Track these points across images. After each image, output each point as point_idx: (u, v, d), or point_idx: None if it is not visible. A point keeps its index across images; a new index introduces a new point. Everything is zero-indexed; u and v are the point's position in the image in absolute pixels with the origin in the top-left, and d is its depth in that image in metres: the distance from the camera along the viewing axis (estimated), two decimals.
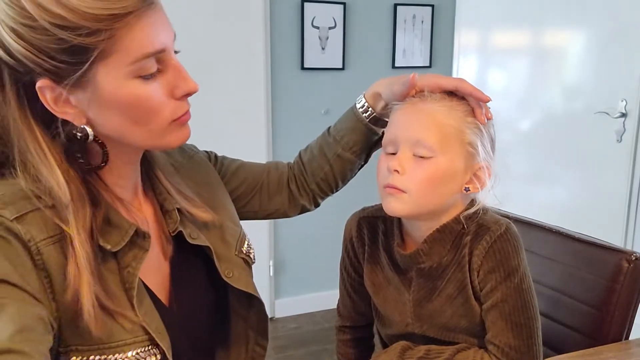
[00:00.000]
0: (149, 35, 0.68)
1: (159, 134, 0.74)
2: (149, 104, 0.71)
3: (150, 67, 0.70)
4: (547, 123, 2.70)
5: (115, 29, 0.65)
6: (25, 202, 0.67)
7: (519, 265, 0.89)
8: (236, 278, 0.89)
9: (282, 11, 2.71)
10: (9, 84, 0.68)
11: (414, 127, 0.87)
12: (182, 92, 0.74)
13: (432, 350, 0.95)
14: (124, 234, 0.75)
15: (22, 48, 0.64)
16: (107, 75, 0.67)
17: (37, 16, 0.63)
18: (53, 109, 0.69)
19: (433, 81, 0.90)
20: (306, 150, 1.11)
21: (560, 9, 2.57)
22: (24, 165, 0.69)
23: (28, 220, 0.66)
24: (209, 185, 0.97)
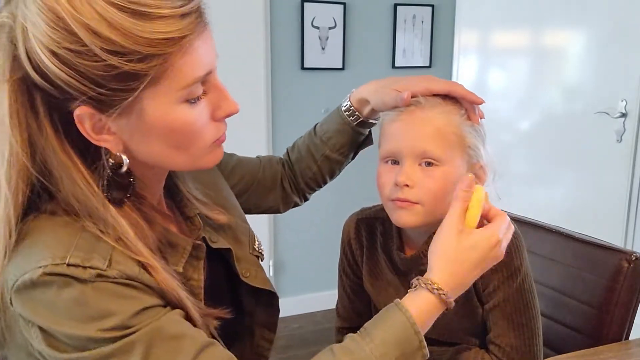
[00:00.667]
0: (200, 59, 0.65)
1: (198, 156, 0.72)
2: (193, 128, 0.68)
3: (197, 90, 0.66)
4: (547, 123, 2.70)
5: (168, 53, 0.61)
6: (101, 243, 0.64)
7: (521, 265, 0.89)
8: (253, 277, 0.88)
9: (282, 11, 2.70)
10: (43, 110, 0.62)
11: (418, 139, 0.86)
12: (224, 114, 0.72)
13: (433, 351, 0.95)
14: (182, 251, 0.75)
15: (63, 73, 0.59)
16: (154, 101, 0.63)
17: (87, 41, 0.58)
18: (91, 137, 0.64)
19: (424, 86, 0.88)
20: (293, 149, 1.11)
21: (560, 9, 2.57)
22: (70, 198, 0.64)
23: (115, 260, 0.63)
24: (215, 184, 0.96)
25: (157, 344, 0.62)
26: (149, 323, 0.63)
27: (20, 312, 0.63)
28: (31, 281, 0.61)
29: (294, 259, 2.94)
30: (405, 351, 0.70)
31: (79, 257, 0.61)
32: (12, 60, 0.61)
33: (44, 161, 0.64)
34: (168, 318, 0.65)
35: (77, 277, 0.61)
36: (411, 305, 0.73)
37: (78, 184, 0.64)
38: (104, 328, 0.61)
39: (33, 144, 0.63)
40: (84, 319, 0.61)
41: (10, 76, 0.61)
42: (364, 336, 0.71)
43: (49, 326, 0.62)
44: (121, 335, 0.62)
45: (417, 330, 0.71)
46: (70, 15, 0.58)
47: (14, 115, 0.61)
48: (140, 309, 0.63)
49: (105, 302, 0.62)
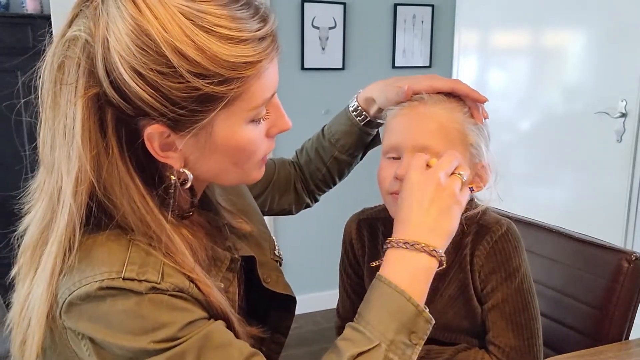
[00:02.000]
0: (270, 81, 0.66)
1: (247, 172, 0.73)
2: (254, 147, 0.69)
3: (263, 111, 0.68)
4: (547, 123, 2.70)
5: (246, 77, 0.62)
6: (151, 257, 0.64)
7: (520, 266, 0.89)
8: (274, 282, 0.88)
9: (282, 11, 2.70)
10: (111, 127, 0.62)
11: (419, 133, 0.86)
12: (278, 131, 0.73)
13: (432, 350, 0.95)
14: (220, 264, 0.76)
15: (145, 94, 0.59)
16: (225, 121, 0.65)
17: (175, 64, 0.58)
18: (157, 155, 0.65)
19: (428, 84, 0.89)
20: (302, 152, 1.11)
21: (560, 9, 2.57)
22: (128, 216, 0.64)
23: (167, 274, 0.64)
24: (237, 190, 0.96)
25: (206, 353, 0.63)
26: (198, 332, 0.64)
27: (71, 325, 0.64)
28: (87, 294, 0.62)
29: (294, 259, 2.93)
30: (404, 321, 0.68)
31: (134, 270, 0.62)
32: (89, 75, 0.61)
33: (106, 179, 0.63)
34: (215, 327, 0.66)
35: (133, 290, 0.62)
36: (390, 273, 0.72)
37: (137, 204, 0.64)
38: (156, 340, 0.62)
39: (99, 162, 0.63)
40: (138, 331, 0.62)
41: (84, 92, 0.61)
42: (359, 321, 0.70)
43: (102, 339, 0.62)
44: (173, 345, 0.62)
45: (408, 296, 0.69)
46: (162, 37, 0.58)
47: (86, 132, 0.61)
48: (192, 320, 0.64)
49: (159, 314, 0.63)
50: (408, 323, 0.69)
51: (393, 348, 0.67)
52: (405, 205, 0.76)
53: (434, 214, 0.74)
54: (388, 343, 0.67)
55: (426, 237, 0.72)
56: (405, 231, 0.74)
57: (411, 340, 0.68)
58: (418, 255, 0.72)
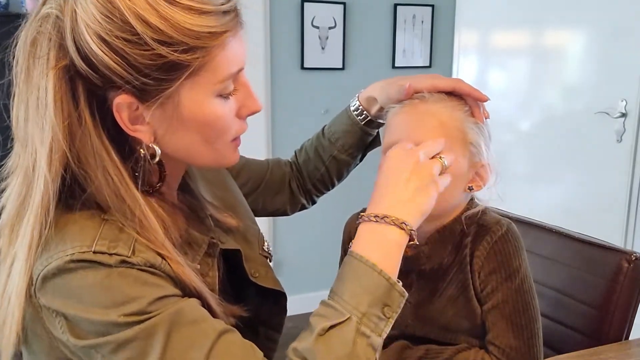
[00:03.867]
0: (235, 55, 0.68)
1: (220, 153, 0.74)
2: (223, 122, 0.70)
3: (230, 86, 0.69)
4: (547, 123, 2.70)
5: (210, 47, 0.64)
6: (124, 234, 0.65)
7: (520, 266, 0.89)
8: (262, 277, 0.88)
9: (282, 11, 2.70)
10: (83, 99, 0.64)
11: (419, 130, 0.87)
12: (248, 112, 0.74)
13: (432, 349, 0.95)
14: (198, 248, 0.76)
15: (111, 61, 0.61)
16: (191, 93, 0.66)
17: (139, 30, 0.60)
18: (127, 127, 0.66)
19: (430, 83, 0.89)
20: (301, 151, 1.11)
21: (560, 9, 2.56)
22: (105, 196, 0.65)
23: (138, 249, 0.65)
24: (225, 185, 0.96)
25: (178, 328, 0.64)
26: (169, 308, 0.64)
27: (45, 302, 0.64)
28: (57, 268, 0.63)
29: (294, 259, 2.93)
30: (377, 294, 0.68)
31: (104, 245, 0.63)
32: (59, 48, 0.63)
33: (79, 150, 0.64)
34: (188, 304, 0.66)
35: (102, 263, 0.62)
36: (361, 247, 0.71)
37: (110, 175, 0.65)
38: (126, 313, 0.62)
39: (72, 132, 0.64)
40: (108, 304, 0.62)
41: (55, 64, 0.63)
42: (332, 297, 0.69)
43: (74, 314, 0.63)
44: (143, 319, 0.63)
45: (379, 269, 0.68)
46: (125, 4, 0.60)
47: (58, 103, 0.63)
48: (162, 296, 0.64)
49: (129, 288, 0.63)
50: (381, 296, 0.68)
51: (365, 321, 0.66)
52: (381, 181, 0.75)
53: (410, 190, 0.73)
54: (360, 316, 0.66)
55: (397, 211, 0.71)
56: (378, 206, 0.73)
57: (384, 314, 0.68)
58: (387, 228, 0.71)
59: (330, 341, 0.65)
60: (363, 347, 0.65)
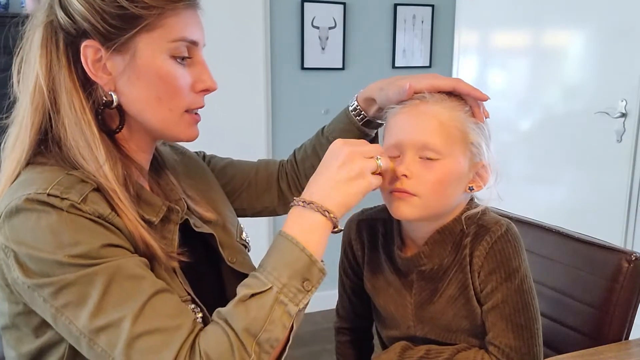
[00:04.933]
0: (188, 24, 0.79)
1: (174, 120, 0.81)
2: (175, 83, 0.79)
3: (183, 50, 0.79)
4: (547, 123, 2.70)
5: (165, 9, 0.76)
6: (81, 184, 0.72)
7: (519, 266, 0.89)
8: (240, 263, 0.92)
9: (282, 11, 2.70)
10: (63, 45, 0.77)
11: (419, 131, 0.86)
12: (203, 86, 0.82)
13: (432, 350, 0.95)
14: (158, 210, 0.82)
15: (83, 9, 0.74)
16: (147, 45, 0.77)
17: None
18: (90, 71, 0.77)
19: (429, 83, 0.89)
20: (300, 149, 1.12)
21: (560, 9, 2.57)
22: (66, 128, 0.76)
23: (91, 199, 0.71)
24: (205, 179, 1.00)
25: (117, 280, 0.69)
26: (113, 259, 0.70)
27: (2, 240, 0.71)
28: (16, 207, 0.70)
29: None
30: (297, 268, 0.73)
31: (59, 190, 0.70)
32: (49, 8, 0.78)
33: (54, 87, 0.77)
34: (132, 260, 0.72)
35: (54, 205, 0.69)
36: (289, 227, 0.77)
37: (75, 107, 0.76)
38: (71, 254, 0.68)
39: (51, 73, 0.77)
40: (56, 245, 0.68)
41: (43, 20, 0.78)
42: (258, 269, 0.75)
43: (25, 251, 0.69)
44: (86, 263, 0.68)
45: (302, 247, 0.74)
46: None
47: (43, 48, 0.77)
48: (107, 244, 0.70)
49: (76, 232, 0.69)
50: (302, 270, 0.74)
51: (285, 291, 0.72)
52: (317, 171, 0.80)
53: (338, 181, 0.78)
54: (280, 287, 0.72)
55: (322, 200, 0.77)
56: (308, 192, 0.79)
57: (304, 287, 0.74)
58: (312, 214, 0.76)
59: (249, 306, 0.71)
60: (279, 313, 0.71)
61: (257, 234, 2.81)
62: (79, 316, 0.68)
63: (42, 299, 0.70)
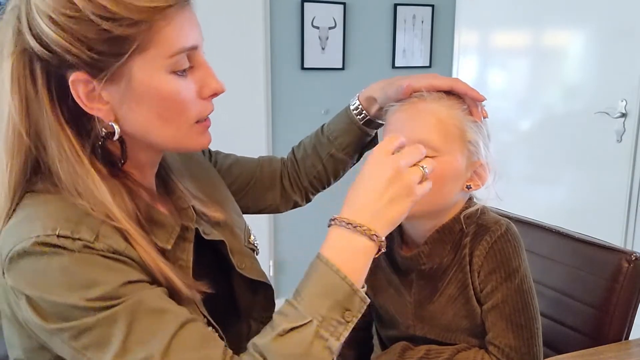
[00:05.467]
0: (184, 30, 0.70)
1: (183, 134, 0.74)
2: (180, 99, 0.71)
3: (184, 63, 0.70)
4: (547, 123, 2.70)
5: (155, 20, 0.66)
6: (90, 218, 0.66)
7: (519, 266, 0.89)
8: (248, 268, 0.89)
9: (282, 11, 2.70)
10: (41, 79, 0.67)
11: (417, 128, 0.87)
12: (210, 92, 0.74)
13: (432, 350, 0.95)
14: (171, 231, 0.77)
15: (60, 39, 0.64)
16: (143, 67, 0.68)
17: (81, 7, 0.63)
18: (84, 105, 0.68)
19: (428, 82, 0.89)
20: (299, 148, 1.11)
21: (560, 9, 2.57)
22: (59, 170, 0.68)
23: (103, 234, 0.66)
24: (210, 180, 0.97)
25: (140, 316, 0.64)
26: (133, 296, 0.65)
27: (11, 283, 0.66)
28: (24, 251, 0.64)
29: (294, 259, 2.93)
30: (338, 299, 0.68)
31: (69, 228, 0.64)
32: (17, 34, 0.67)
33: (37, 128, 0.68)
34: (152, 292, 0.67)
35: (66, 247, 0.64)
36: (329, 251, 0.71)
37: (65, 150, 0.68)
38: (89, 297, 0.63)
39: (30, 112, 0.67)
40: (71, 287, 0.63)
41: (14, 49, 0.67)
42: (295, 296, 0.70)
43: (38, 295, 0.64)
44: (105, 305, 0.63)
45: (343, 275, 0.69)
46: None
47: (15, 84, 0.67)
48: (126, 282, 0.65)
49: (92, 272, 0.64)
50: (342, 301, 0.69)
51: (325, 325, 0.67)
52: (358, 185, 0.75)
53: (385, 200, 0.73)
54: (320, 320, 0.67)
55: (369, 221, 0.72)
56: (350, 211, 0.73)
57: (344, 318, 0.69)
58: (358, 237, 0.71)
59: (288, 341, 0.66)
60: (319, 349, 0.66)
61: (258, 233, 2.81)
62: (103, 358, 0.64)
63: (60, 340, 0.65)
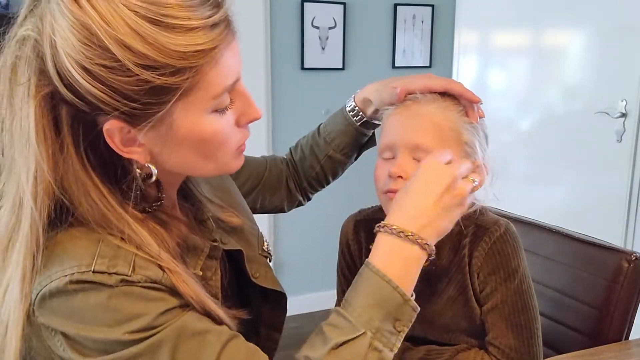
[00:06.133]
0: (229, 68, 0.64)
1: (223, 163, 0.72)
2: (221, 137, 0.68)
3: (226, 100, 0.66)
4: (547, 123, 2.70)
5: (200, 65, 0.60)
6: (122, 250, 0.64)
7: (518, 267, 0.89)
8: (262, 277, 0.88)
9: (282, 11, 2.70)
10: (67, 126, 0.61)
11: (412, 132, 0.87)
12: (248, 120, 0.71)
13: (432, 350, 0.95)
14: (200, 252, 0.75)
15: (96, 89, 0.58)
16: (184, 112, 0.63)
17: (120, 57, 0.57)
18: (120, 150, 0.64)
19: (422, 84, 0.89)
20: (296, 149, 1.12)
21: (560, 9, 2.56)
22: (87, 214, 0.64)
23: (139, 265, 0.63)
24: (225, 186, 0.96)
25: (183, 341, 0.63)
26: (174, 321, 0.64)
27: (44, 321, 0.63)
28: (57, 289, 0.61)
29: (294, 259, 2.93)
30: (390, 309, 0.68)
31: (104, 264, 0.62)
32: (40, 74, 0.60)
33: (63, 177, 0.63)
34: (191, 316, 0.66)
35: (103, 283, 0.61)
36: (379, 260, 0.70)
37: (93, 199, 0.63)
38: (131, 330, 0.61)
39: (55, 160, 0.62)
40: (111, 323, 0.61)
41: (37, 91, 0.60)
42: (346, 307, 0.69)
43: (76, 333, 0.62)
44: (148, 335, 0.62)
45: (395, 285, 0.68)
46: (104, 31, 0.57)
47: (40, 131, 0.60)
48: (166, 310, 0.64)
49: (132, 306, 0.62)
50: (394, 311, 0.68)
51: (378, 336, 0.67)
52: (412, 191, 0.73)
53: (439, 209, 0.72)
54: (374, 331, 0.67)
55: (421, 230, 0.71)
56: (402, 218, 0.71)
57: (396, 328, 0.68)
58: (410, 246, 0.70)
59: (342, 354, 0.65)
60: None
61: None
62: None
63: None
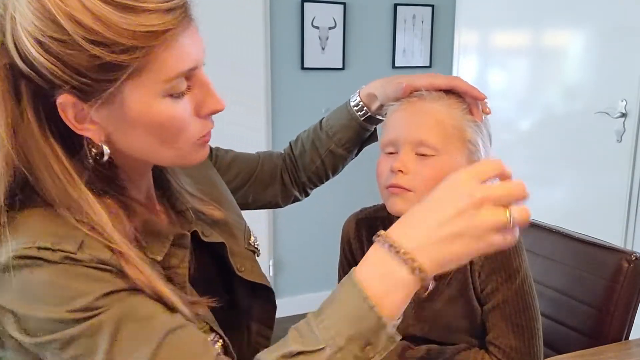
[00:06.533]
0: (184, 53, 0.64)
1: (184, 153, 0.71)
2: (177, 123, 0.67)
3: (182, 85, 0.66)
4: (547, 123, 2.70)
5: (151, 46, 0.61)
6: (75, 231, 0.63)
7: (520, 267, 0.89)
8: (248, 271, 0.88)
9: (282, 11, 2.70)
10: (26, 97, 0.63)
11: (416, 128, 0.87)
12: (209, 111, 0.70)
13: (433, 350, 0.95)
14: (164, 240, 0.74)
15: (47, 62, 0.59)
16: (136, 93, 0.63)
17: (70, 31, 0.58)
18: (74, 126, 0.65)
19: (428, 81, 0.90)
20: (297, 143, 1.11)
21: (560, 9, 2.57)
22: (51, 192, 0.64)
23: (87, 246, 0.63)
24: (209, 180, 0.97)
25: (125, 325, 0.62)
26: (118, 304, 0.62)
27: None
28: (5, 265, 0.62)
29: (294, 259, 2.93)
30: (362, 330, 0.59)
31: (49, 241, 0.62)
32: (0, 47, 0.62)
33: (23, 149, 0.64)
34: (139, 300, 0.65)
35: (47, 259, 0.61)
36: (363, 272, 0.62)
37: (55, 172, 0.64)
38: (73, 309, 0.61)
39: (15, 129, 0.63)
40: (53, 301, 0.61)
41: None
42: (317, 314, 0.63)
43: (22, 312, 0.62)
44: (89, 315, 0.61)
45: (371, 304, 0.59)
46: (56, 5, 0.59)
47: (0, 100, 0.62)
48: (110, 291, 0.63)
49: (74, 284, 0.62)
50: (366, 332, 0.59)
51: (339, 356, 0.59)
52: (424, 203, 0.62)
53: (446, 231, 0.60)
54: (334, 350, 0.59)
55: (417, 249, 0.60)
56: (400, 231, 0.62)
57: (364, 352, 0.59)
58: (398, 266, 0.59)
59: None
60: None
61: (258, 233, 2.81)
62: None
63: (50, 353, 0.63)
